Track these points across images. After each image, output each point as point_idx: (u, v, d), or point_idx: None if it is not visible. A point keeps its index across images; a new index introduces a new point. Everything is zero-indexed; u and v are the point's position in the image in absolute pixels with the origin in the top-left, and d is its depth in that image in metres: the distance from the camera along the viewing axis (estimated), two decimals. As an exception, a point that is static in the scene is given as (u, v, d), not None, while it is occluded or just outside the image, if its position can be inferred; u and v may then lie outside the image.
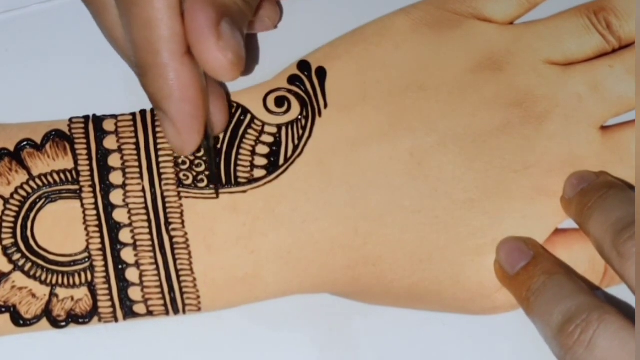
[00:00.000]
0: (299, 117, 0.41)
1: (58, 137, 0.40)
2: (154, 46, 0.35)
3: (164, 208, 0.40)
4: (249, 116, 0.41)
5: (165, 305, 0.40)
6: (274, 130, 0.41)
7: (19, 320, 0.39)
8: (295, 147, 0.40)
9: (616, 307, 0.36)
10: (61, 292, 0.39)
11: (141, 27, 0.35)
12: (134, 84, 0.42)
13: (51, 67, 0.43)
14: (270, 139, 0.40)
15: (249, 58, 0.43)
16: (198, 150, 0.40)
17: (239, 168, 0.40)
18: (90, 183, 0.40)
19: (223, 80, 0.36)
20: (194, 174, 0.40)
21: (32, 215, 0.39)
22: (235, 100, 0.41)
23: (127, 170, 0.40)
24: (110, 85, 0.43)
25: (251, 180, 0.40)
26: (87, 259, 0.39)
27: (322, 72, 0.41)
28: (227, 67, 0.35)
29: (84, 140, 0.40)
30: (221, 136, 0.40)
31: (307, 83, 0.41)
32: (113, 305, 0.39)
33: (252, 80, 0.42)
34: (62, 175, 0.40)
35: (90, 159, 0.40)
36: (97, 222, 0.39)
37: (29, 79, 0.43)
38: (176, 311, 0.40)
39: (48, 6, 0.44)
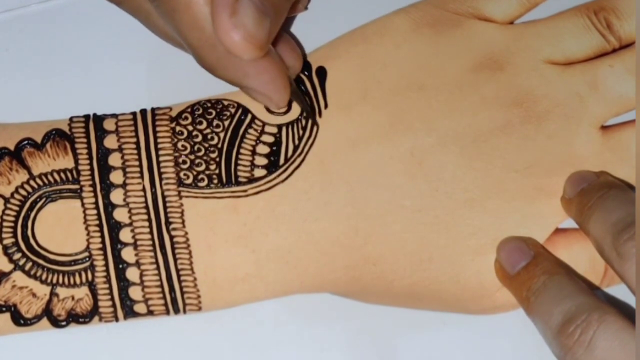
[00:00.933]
0: (300, 116, 0.41)
1: (58, 137, 0.40)
2: (208, 42, 0.36)
3: (165, 207, 0.40)
4: (249, 116, 0.41)
5: (165, 304, 0.40)
6: (274, 130, 0.41)
7: (19, 319, 0.39)
8: (296, 147, 0.40)
9: (616, 308, 0.36)
10: (62, 291, 0.39)
11: (189, 31, 0.36)
12: (135, 84, 0.42)
13: (51, 66, 0.43)
14: (270, 139, 0.41)
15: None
16: (198, 150, 0.40)
17: (239, 167, 0.40)
18: (90, 182, 0.40)
19: (242, 57, 0.36)
20: (195, 173, 0.40)
21: (32, 214, 0.39)
22: (235, 100, 0.41)
23: (128, 169, 0.40)
24: (110, 85, 0.43)
25: (252, 180, 0.40)
26: (87, 259, 0.39)
27: (322, 72, 0.41)
28: (239, 45, 0.35)
29: (85, 140, 0.40)
30: (222, 135, 0.40)
31: (307, 83, 0.41)
32: (113, 305, 0.39)
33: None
34: (62, 175, 0.40)
35: (90, 158, 0.40)
36: (97, 222, 0.39)
37: (29, 79, 0.43)
38: (177, 311, 0.40)
39: (48, 6, 0.44)
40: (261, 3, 0.35)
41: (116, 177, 0.40)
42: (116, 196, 0.40)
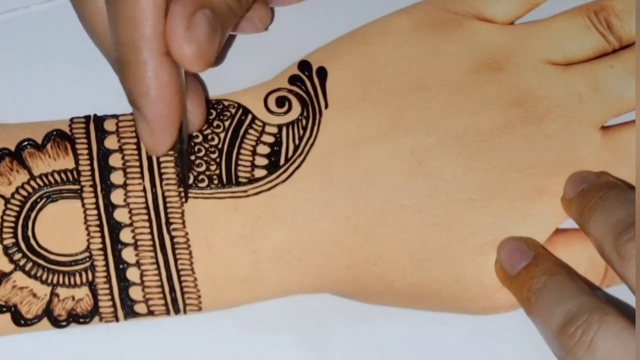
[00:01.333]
0: (300, 117, 0.41)
1: (59, 137, 0.40)
2: (135, 44, 0.35)
3: (165, 208, 0.40)
4: (249, 116, 0.41)
5: (166, 305, 0.40)
6: (274, 130, 0.41)
7: (19, 319, 0.39)
8: (296, 147, 0.40)
9: (617, 308, 0.36)
10: (62, 291, 0.39)
11: (125, 24, 0.35)
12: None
13: (52, 67, 0.43)
14: (271, 139, 0.41)
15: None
16: (199, 150, 0.40)
17: (239, 168, 0.40)
18: (91, 183, 0.40)
19: (189, 70, 0.36)
20: (195, 173, 0.40)
21: (33, 215, 0.39)
22: (236, 100, 0.41)
23: (128, 170, 0.40)
24: (111, 85, 0.43)
25: (252, 180, 0.40)
26: (87, 259, 0.39)
27: (322, 72, 0.41)
28: (190, 58, 0.35)
29: (85, 140, 0.40)
30: (222, 136, 0.40)
31: (308, 83, 0.41)
32: (114, 305, 0.39)
33: (253, 81, 0.42)
34: (63, 175, 0.40)
35: (91, 158, 0.40)
36: (97, 222, 0.39)
37: (30, 79, 0.43)
38: (177, 311, 0.40)
39: (48, 6, 0.44)
40: (214, 19, 0.35)
41: (117, 177, 0.40)
42: (117, 196, 0.40)
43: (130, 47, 0.35)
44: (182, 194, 0.40)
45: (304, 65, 0.42)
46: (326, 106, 0.41)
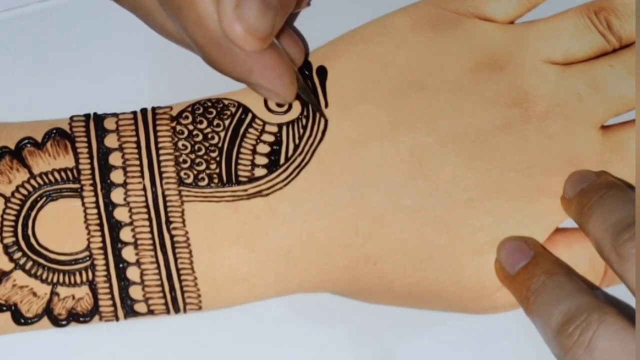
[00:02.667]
0: (300, 116, 0.41)
1: (59, 136, 0.40)
2: (213, 40, 0.36)
3: (165, 207, 0.40)
4: (250, 115, 0.41)
5: (166, 304, 0.40)
6: (274, 129, 0.41)
7: (20, 318, 0.39)
8: (296, 147, 0.40)
9: (616, 308, 0.36)
10: (62, 290, 0.39)
11: (194, 28, 0.36)
12: (135, 83, 0.42)
13: (52, 66, 0.43)
14: (271, 138, 0.41)
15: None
16: (199, 149, 0.40)
17: (239, 167, 0.40)
18: (91, 182, 0.40)
19: (244, 49, 0.36)
20: (195, 172, 0.40)
21: (33, 213, 0.39)
22: (236, 99, 0.41)
23: (128, 168, 0.40)
24: (111, 84, 0.43)
25: (252, 179, 0.40)
26: (88, 258, 0.39)
27: (322, 72, 0.41)
28: (241, 37, 0.35)
29: (85, 139, 0.40)
30: (222, 135, 0.40)
31: (308, 82, 0.41)
32: (114, 304, 0.39)
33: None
34: (62, 174, 0.40)
35: (91, 157, 0.40)
36: (98, 221, 0.39)
37: (30, 78, 0.43)
38: (177, 310, 0.40)
39: (48, 5, 0.44)
40: None
41: (117, 176, 0.40)
42: (117, 195, 0.40)
43: (210, 45, 0.36)
44: (181, 193, 0.40)
45: (304, 64, 0.42)
46: (326, 105, 0.41)
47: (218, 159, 0.40)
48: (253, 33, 0.35)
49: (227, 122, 0.41)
